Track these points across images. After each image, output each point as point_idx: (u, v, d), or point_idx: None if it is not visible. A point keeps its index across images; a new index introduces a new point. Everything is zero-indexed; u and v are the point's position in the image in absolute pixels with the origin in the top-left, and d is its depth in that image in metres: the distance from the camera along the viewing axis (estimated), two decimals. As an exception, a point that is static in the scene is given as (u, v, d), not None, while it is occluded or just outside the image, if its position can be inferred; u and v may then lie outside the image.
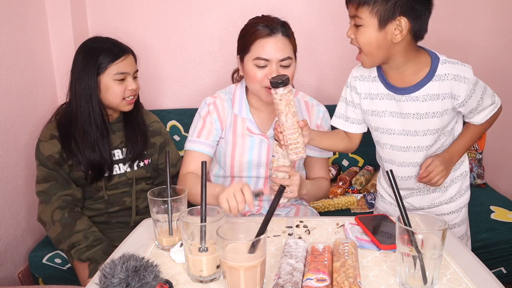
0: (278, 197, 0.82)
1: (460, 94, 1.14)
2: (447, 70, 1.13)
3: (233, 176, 1.46)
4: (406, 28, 1.08)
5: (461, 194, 1.33)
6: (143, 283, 0.79)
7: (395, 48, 1.12)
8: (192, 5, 2.15)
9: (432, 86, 1.15)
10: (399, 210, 0.84)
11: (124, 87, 1.46)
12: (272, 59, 1.28)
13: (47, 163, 1.45)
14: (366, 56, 1.15)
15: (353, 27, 1.15)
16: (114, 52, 1.44)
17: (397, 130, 1.23)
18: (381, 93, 1.22)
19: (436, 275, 0.82)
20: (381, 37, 1.10)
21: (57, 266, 1.65)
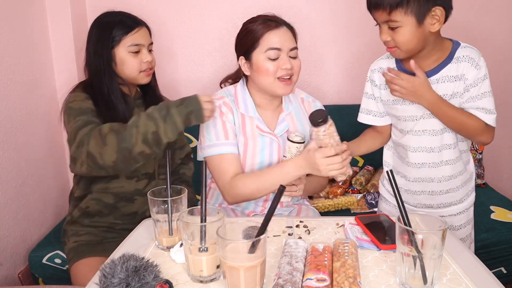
0: (278, 197, 0.82)
1: (468, 78, 1.15)
2: (464, 52, 1.16)
3: None
4: (442, 15, 1.10)
5: (468, 195, 1.35)
6: (143, 283, 0.79)
7: (431, 37, 1.15)
8: (192, 5, 2.15)
9: (450, 68, 1.17)
10: (399, 210, 0.84)
11: (140, 60, 1.42)
12: (283, 48, 1.31)
13: (86, 113, 1.33)
14: (404, 51, 1.16)
15: (388, 30, 1.14)
16: (127, 24, 1.42)
17: (419, 115, 1.24)
18: None
19: (436, 275, 0.82)
20: (420, 31, 1.12)
21: (57, 266, 1.65)
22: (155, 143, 1.24)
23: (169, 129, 1.23)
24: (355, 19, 2.17)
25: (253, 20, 1.36)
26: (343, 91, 2.29)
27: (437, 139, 1.25)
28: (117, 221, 1.49)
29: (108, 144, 1.23)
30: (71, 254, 1.47)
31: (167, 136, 1.24)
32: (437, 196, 1.32)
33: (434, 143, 1.25)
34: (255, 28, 1.33)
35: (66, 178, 2.15)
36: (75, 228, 1.51)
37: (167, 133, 1.23)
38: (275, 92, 1.35)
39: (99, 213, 1.48)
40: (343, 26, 2.19)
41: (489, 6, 2.21)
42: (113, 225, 1.50)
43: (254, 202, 1.46)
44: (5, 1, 1.69)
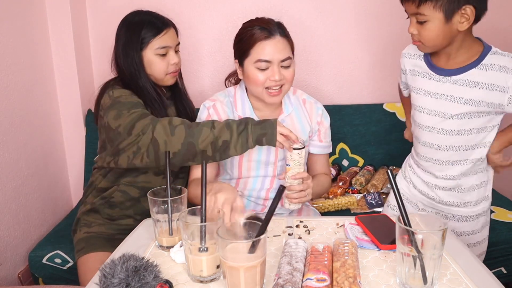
0: (278, 197, 0.82)
1: (509, 86, 1.12)
2: (494, 60, 1.13)
3: (240, 177, 1.46)
4: (472, 15, 1.09)
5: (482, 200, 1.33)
6: (143, 283, 0.79)
7: (459, 36, 1.13)
8: (192, 6, 2.15)
9: (474, 73, 1.15)
10: (399, 210, 0.84)
11: (167, 62, 1.45)
12: (273, 60, 1.29)
13: (139, 107, 1.34)
14: (429, 47, 1.17)
15: (416, 23, 1.14)
16: (156, 25, 1.43)
17: (430, 110, 1.24)
18: (423, 71, 1.25)
19: (436, 275, 0.82)
20: (447, 28, 1.11)
21: (57, 266, 1.65)
22: (221, 151, 1.27)
23: (239, 144, 1.26)
24: (356, 20, 2.17)
25: (250, 24, 1.34)
26: (343, 91, 2.29)
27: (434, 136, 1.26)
28: (136, 216, 1.51)
29: (176, 135, 1.26)
30: (81, 245, 1.48)
31: (236, 149, 1.26)
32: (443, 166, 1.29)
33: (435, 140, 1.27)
34: (247, 36, 1.31)
35: (66, 178, 2.16)
36: (89, 219, 1.52)
37: (236, 147, 1.26)
38: (263, 100, 1.37)
39: (121, 204, 1.51)
40: (343, 26, 2.19)
41: None
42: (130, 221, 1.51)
43: (255, 201, 1.47)
44: (5, 1, 1.69)
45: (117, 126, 1.32)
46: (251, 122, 1.27)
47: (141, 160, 1.30)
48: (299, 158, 1.25)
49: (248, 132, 1.25)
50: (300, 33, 2.18)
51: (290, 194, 1.28)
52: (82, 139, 2.10)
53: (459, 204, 1.32)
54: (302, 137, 1.45)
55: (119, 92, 1.39)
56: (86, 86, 2.11)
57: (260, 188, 1.46)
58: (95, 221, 1.52)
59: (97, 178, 1.54)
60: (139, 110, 1.33)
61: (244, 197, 1.47)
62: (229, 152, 1.27)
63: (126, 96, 1.37)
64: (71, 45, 1.99)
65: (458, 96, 1.18)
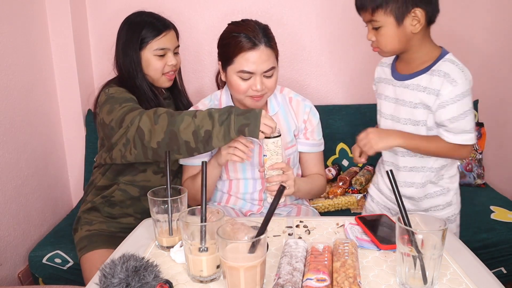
0: (278, 197, 0.82)
1: (442, 93, 1.14)
2: (442, 67, 1.16)
3: (230, 179, 1.46)
4: (423, 17, 1.12)
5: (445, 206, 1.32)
6: (143, 283, 0.79)
7: (415, 39, 1.16)
8: (192, 5, 2.15)
9: (423, 78, 1.18)
10: (399, 210, 0.84)
11: (164, 63, 1.47)
12: (257, 72, 1.29)
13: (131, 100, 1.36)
14: (387, 52, 1.20)
15: (372, 30, 1.18)
16: (156, 27, 1.45)
17: (387, 114, 1.28)
18: (386, 77, 1.29)
19: (436, 275, 0.82)
20: (401, 32, 1.14)
21: (57, 266, 1.65)
22: (204, 141, 1.23)
23: (221, 134, 1.22)
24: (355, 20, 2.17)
25: (235, 29, 1.32)
26: (342, 91, 2.29)
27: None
28: (137, 215, 1.52)
29: (159, 123, 1.24)
30: (84, 243, 1.48)
31: (218, 139, 1.23)
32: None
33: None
34: (233, 42, 1.30)
35: (66, 178, 2.16)
36: (89, 217, 1.53)
37: (218, 137, 1.23)
38: (246, 105, 1.37)
39: (121, 203, 1.51)
40: (342, 27, 2.19)
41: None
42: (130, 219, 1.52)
43: (250, 202, 1.47)
44: (5, 1, 1.69)
45: (110, 121, 1.33)
46: (235, 111, 1.23)
47: (130, 152, 1.29)
48: (275, 147, 1.23)
49: (230, 122, 1.22)
50: (299, 33, 2.18)
51: (269, 186, 1.26)
52: (82, 139, 2.10)
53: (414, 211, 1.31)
54: (288, 136, 1.45)
55: (113, 90, 1.41)
56: (86, 86, 2.11)
57: (252, 190, 1.46)
58: (96, 219, 1.52)
59: (97, 176, 1.54)
60: (130, 104, 1.34)
61: (239, 199, 1.47)
62: (212, 142, 1.23)
63: (119, 92, 1.39)
64: (71, 45, 1.99)
65: (408, 100, 1.21)
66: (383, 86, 1.30)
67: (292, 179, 1.29)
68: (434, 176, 1.27)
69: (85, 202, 1.57)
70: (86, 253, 1.46)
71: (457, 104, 1.14)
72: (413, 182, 1.29)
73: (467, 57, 2.24)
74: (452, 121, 1.15)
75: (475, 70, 2.42)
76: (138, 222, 1.29)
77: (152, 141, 1.25)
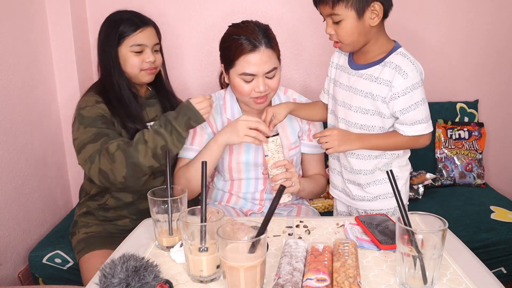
0: (278, 197, 0.82)
1: (394, 85, 1.17)
2: (394, 59, 1.19)
3: (232, 179, 1.46)
4: (381, 10, 1.16)
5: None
6: (143, 283, 0.79)
7: (372, 32, 1.19)
8: (192, 5, 2.15)
9: (376, 69, 1.22)
10: (399, 210, 0.84)
11: (142, 59, 1.44)
12: (258, 73, 1.30)
13: (96, 123, 1.36)
14: (347, 45, 1.22)
15: (332, 24, 1.20)
16: (134, 22, 1.44)
17: (340, 101, 1.30)
18: (343, 65, 1.31)
19: (436, 275, 0.82)
20: (360, 25, 1.17)
21: (57, 266, 1.65)
22: (165, 156, 1.29)
23: (176, 140, 1.31)
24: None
25: (236, 32, 1.33)
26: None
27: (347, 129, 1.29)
28: (132, 216, 1.52)
29: (117, 161, 1.29)
30: (81, 245, 1.49)
31: (176, 146, 1.32)
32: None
33: None
34: (233, 46, 1.31)
35: (66, 178, 2.15)
36: (86, 220, 1.54)
37: (175, 144, 1.32)
38: (250, 107, 1.39)
39: (116, 208, 1.51)
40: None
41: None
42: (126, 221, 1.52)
43: (251, 201, 1.47)
44: (5, 1, 1.69)
45: (74, 139, 1.37)
46: (171, 116, 1.32)
47: (101, 184, 1.36)
48: (275, 146, 1.25)
49: (174, 127, 1.30)
50: (299, 33, 2.18)
51: (274, 186, 1.28)
52: (82, 139, 2.10)
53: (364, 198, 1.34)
54: (292, 137, 1.45)
55: (85, 102, 1.41)
56: (86, 87, 2.08)
57: (254, 190, 1.46)
58: (92, 222, 1.53)
59: (85, 182, 1.56)
60: (94, 129, 1.34)
61: (240, 198, 1.48)
62: (172, 152, 1.32)
63: (88, 108, 1.38)
64: (71, 45, 1.99)
65: (360, 89, 1.24)
66: (339, 73, 1.32)
67: (296, 176, 1.31)
68: (383, 164, 1.30)
69: (80, 207, 1.57)
70: (84, 255, 1.46)
71: (407, 96, 1.17)
72: (361, 169, 1.31)
73: (468, 57, 2.26)
74: (403, 112, 1.19)
75: (475, 69, 2.43)
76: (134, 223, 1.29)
77: (117, 178, 1.31)
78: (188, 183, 1.36)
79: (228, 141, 1.32)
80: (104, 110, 1.40)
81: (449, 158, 2.18)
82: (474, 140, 2.20)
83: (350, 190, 1.35)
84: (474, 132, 2.20)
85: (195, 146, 1.42)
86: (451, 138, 2.20)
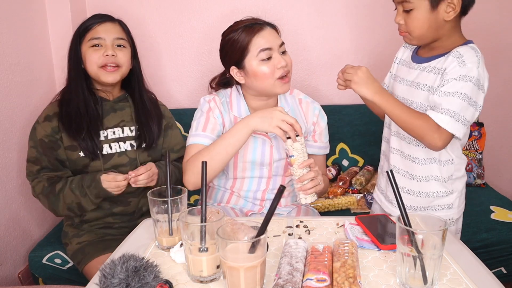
0: (279, 197, 0.82)
1: (447, 71, 1.09)
2: (461, 49, 1.11)
3: (235, 177, 1.46)
4: (459, 4, 1.08)
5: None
6: (143, 283, 0.79)
7: (445, 27, 1.12)
8: (192, 5, 2.15)
9: (440, 61, 1.14)
10: (399, 210, 0.84)
11: (100, 54, 1.39)
12: (274, 46, 1.32)
13: (37, 146, 1.41)
14: (414, 38, 1.15)
15: (402, 13, 1.14)
16: (95, 17, 1.43)
17: (400, 97, 1.24)
18: (406, 59, 1.27)
19: (436, 275, 0.82)
20: (433, 17, 1.10)
21: (57, 266, 1.65)
22: (80, 210, 1.42)
23: (88, 203, 1.39)
24: (355, 20, 2.17)
25: (233, 29, 1.35)
26: (342, 92, 2.28)
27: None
28: (116, 221, 1.51)
29: (41, 201, 1.43)
30: (79, 257, 1.48)
31: (89, 206, 1.40)
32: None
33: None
34: (239, 36, 1.32)
35: (66, 178, 2.15)
36: (74, 230, 1.53)
37: (88, 204, 1.39)
38: (275, 92, 1.36)
39: (97, 218, 1.50)
40: (343, 26, 2.19)
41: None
42: (111, 224, 1.51)
43: (252, 201, 1.47)
44: (5, 1, 1.69)
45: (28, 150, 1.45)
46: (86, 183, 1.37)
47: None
48: (301, 146, 1.22)
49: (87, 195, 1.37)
50: (300, 33, 2.18)
51: (303, 185, 1.23)
52: (82, 139, 2.10)
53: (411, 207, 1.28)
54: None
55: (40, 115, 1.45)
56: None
57: (256, 189, 1.46)
58: (82, 231, 1.52)
59: None
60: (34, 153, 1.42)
61: (241, 198, 1.47)
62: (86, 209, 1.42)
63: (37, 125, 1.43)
64: (71, 45, 1.99)
65: (422, 83, 1.17)
66: (401, 67, 1.28)
67: (320, 175, 1.28)
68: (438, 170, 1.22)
69: (66, 218, 1.58)
70: (85, 265, 1.45)
71: (454, 82, 1.07)
72: (415, 175, 1.24)
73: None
74: (440, 95, 1.09)
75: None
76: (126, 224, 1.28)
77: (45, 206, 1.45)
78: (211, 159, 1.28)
79: (258, 127, 1.26)
80: (46, 131, 1.41)
81: (449, 158, 2.18)
82: (474, 140, 2.19)
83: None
84: (474, 132, 2.20)
85: (208, 133, 1.38)
86: (451, 138, 2.20)
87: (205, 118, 1.40)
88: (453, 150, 1.22)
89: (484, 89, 1.10)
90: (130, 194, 1.48)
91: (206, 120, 1.40)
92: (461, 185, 1.27)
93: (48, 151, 1.41)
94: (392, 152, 1.31)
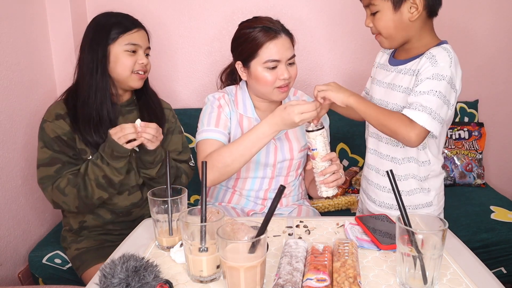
0: (279, 197, 0.82)
1: (421, 72, 1.12)
2: (434, 50, 1.13)
3: (238, 177, 1.46)
4: (421, 4, 1.11)
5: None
6: (143, 283, 0.79)
7: (413, 28, 1.15)
8: (192, 5, 2.15)
9: (415, 63, 1.18)
10: (399, 210, 0.84)
11: (135, 60, 1.38)
12: (282, 59, 1.31)
13: (53, 145, 1.35)
14: (385, 38, 1.19)
15: (370, 16, 1.18)
16: (131, 21, 1.41)
17: (377, 99, 1.27)
18: (383, 63, 1.29)
19: (436, 275, 0.82)
20: (397, 18, 1.13)
21: (57, 266, 1.65)
22: (109, 184, 1.35)
23: (113, 170, 1.33)
24: (355, 20, 2.17)
25: (251, 25, 1.34)
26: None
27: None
28: (116, 228, 1.50)
29: (69, 195, 1.35)
30: (78, 263, 1.47)
31: (116, 175, 1.34)
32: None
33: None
34: (254, 36, 1.31)
35: (66, 178, 2.15)
36: (73, 236, 1.52)
37: (114, 174, 1.34)
38: (271, 98, 1.38)
39: (96, 226, 1.49)
40: (342, 27, 2.19)
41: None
42: (111, 231, 1.50)
43: (254, 201, 1.47)
44: (5, 1, 1.69)
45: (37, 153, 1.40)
46: (101, 150, 1.32)
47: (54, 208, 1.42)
48: (323, 138, 1.21)
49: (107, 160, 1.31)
50: (300, 33, 2.17)
51: (325, 179, 1.22)
52: (82, 139, 2.10)
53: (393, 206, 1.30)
54: (302, 139, 1.46)
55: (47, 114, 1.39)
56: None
57: (258, 188, 1.46)
58: (81, 237, 1.51)
59: None
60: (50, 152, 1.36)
61: (243, 197, 1.47)
62: (114, 181, 1.34)
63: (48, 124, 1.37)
64: (71, 45, 1.99)
65: (398, 85, 1.20)
66: (379, 71, 1.31)
67: (342, 168, 1.27)
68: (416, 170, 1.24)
69: (64, 223, 1.56)
70: (84, 272, 1.45)
71: (427, 81, 1.10)
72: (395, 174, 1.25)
73: (468, 57, 2.25)
74: (416, 95, 1.10)
75: (476, 69, 2.43)
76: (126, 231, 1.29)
77: (71, 208, 1.37)
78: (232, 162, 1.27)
79: (283, 128, 1.25)
80: (62, 128, 1.36)
81: (449, 158, 2.18)
82: (474, 140, 2.20)
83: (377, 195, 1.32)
84: (474, 132, 2.20)
85: (221, 128, 1.37)
86: (451, 138, 2.20)
87: (216, 114, 1.39)
88: (431, 149, 1.25)
89: (456, 89, 1.13)
90: (132, 204, 1.46)
91: (218, 116, 1.39)
92: (439, 182, 1.30)
93: (67, 148, 1.37)
94: (370, 153, 1.34)
